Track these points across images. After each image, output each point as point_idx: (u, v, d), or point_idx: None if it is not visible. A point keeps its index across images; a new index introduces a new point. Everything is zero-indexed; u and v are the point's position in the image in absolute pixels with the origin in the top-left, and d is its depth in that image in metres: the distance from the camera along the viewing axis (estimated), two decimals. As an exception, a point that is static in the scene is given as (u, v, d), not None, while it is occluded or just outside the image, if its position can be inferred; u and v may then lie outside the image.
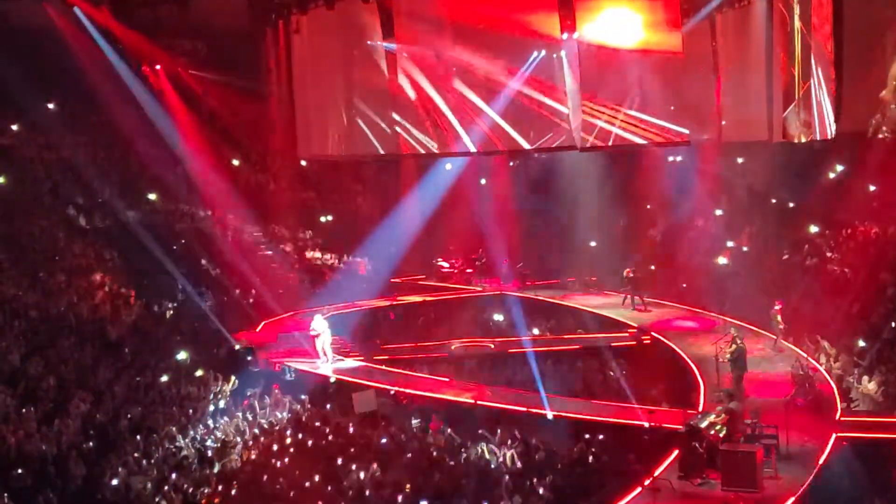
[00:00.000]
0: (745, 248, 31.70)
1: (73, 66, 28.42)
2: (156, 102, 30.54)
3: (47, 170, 29.32)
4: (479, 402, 22.07)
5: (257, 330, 28.51)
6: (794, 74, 19.63)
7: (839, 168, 30.24)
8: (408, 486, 18.07)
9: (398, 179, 34.23)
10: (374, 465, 18.99)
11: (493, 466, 18.82)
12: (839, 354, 23.57)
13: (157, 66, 31.04)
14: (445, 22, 22.56)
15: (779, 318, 24.50)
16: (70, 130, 30.54)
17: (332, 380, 24.29)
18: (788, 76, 19.86)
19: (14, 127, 29.72)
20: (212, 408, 22.45)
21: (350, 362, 25.67)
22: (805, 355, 23.68)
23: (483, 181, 36.61)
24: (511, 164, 35.68)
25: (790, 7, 19.33)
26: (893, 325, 23.61)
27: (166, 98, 30.97)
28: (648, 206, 34.60)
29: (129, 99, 29.93)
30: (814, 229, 30.16)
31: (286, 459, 19.67)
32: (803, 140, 19.60)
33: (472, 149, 24.74)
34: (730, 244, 32.11)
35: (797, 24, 19.16)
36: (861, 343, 23.57)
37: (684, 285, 31.36)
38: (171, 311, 27.31)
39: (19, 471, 17.84)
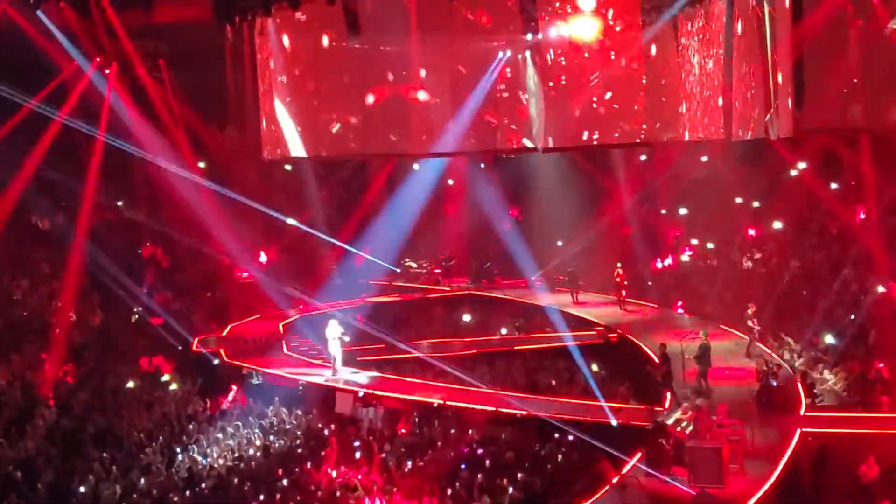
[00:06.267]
0: (709, 246, 32.01)
1: (36, 69, 28.03)
2: (120, 104, 30.20)
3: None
4: (447, 402, 22.10)
5: (223, 333, 28.38)
6: (760, 72, 19.84)
7: (802, 165, 30.60)
8: (375, 486, 18.11)
9: (365, 181, 34.16)
10: (343, 468, 19.00)
11: (462, 466, 18.84)
12: (803, 350, 23.84)
13: (121, 68, 30.66)
14: (411, 23, 22.56)
15: (750, 322, 24.46)
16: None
17: (301, 383, 24.17)
18: (753, 74, 20.08)
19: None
20: (179, 412, 22.30)
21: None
22: (769, 351, 23.97)
23: (451, 182, 36.62)
24: (481, 165, 35.68)
25: (760, 4, 19.57)
26: (853, 317, 23.90)
27: (130, 100, 30.61)
28: (615, 205, 34.80)
29: (92, 101, 29.57)
30: (777, 226, 30.48)
31: (252, 464, 19.60)
32: (772, 137, 19.79)
33: (440, 150, 24.77)
34: (694, 241, 32.43)
35: (766, 22, 19.40)
36: (826, 339, 23.84)
37: (650, 283, 31.70)
38: (137, 316, 27.11)
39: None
